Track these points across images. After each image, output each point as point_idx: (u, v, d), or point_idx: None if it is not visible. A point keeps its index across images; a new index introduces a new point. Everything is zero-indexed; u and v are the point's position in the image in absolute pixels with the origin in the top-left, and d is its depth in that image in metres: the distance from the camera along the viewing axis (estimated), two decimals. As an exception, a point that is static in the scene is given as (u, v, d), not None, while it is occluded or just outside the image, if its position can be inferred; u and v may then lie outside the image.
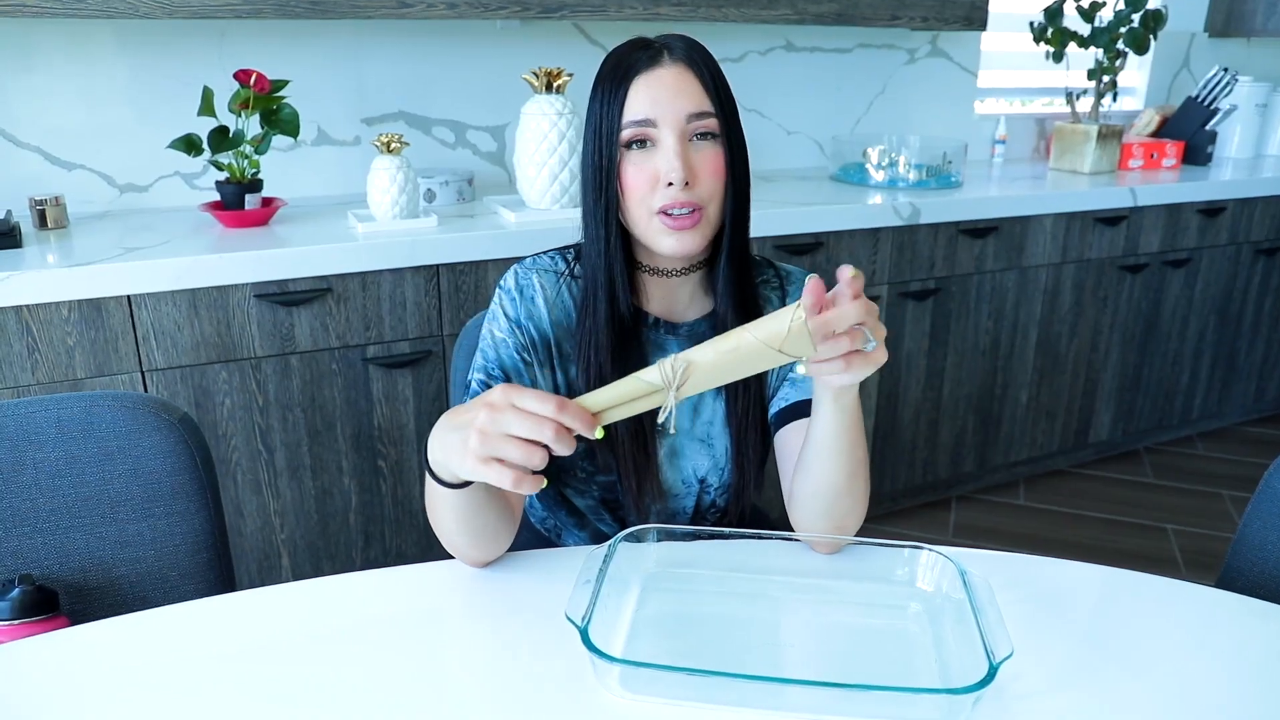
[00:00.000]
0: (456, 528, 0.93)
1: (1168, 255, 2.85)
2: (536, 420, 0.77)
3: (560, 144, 2.01)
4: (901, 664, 0.84)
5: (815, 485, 0.98)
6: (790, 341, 0.78)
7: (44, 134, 2.05)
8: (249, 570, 1.93)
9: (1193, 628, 0.90)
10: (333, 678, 0.81)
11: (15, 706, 0.78)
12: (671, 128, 0.99)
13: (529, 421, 0.77)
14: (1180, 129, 3.16)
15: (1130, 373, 2.96)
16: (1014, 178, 2.84)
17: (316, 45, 2.22)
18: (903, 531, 2.61)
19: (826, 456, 0.96)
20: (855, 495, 0.99)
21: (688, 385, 0.80)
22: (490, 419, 0.78)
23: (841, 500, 0.98)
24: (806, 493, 1.00)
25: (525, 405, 0.77)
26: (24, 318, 1.63)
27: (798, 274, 1.17)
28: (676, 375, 0.79)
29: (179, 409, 1.10)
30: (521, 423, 0.77)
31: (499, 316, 1.09)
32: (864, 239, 2.34)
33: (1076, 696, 0.79)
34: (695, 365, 0.79)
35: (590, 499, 1.16)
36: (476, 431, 0.78)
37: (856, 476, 0.98)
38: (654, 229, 1.02)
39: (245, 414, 1.83)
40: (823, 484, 0.97)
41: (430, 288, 1.92)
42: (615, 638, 0.85)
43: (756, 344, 0.78)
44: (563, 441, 0.78)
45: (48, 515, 1.05)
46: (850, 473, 0.97)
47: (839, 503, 0.99)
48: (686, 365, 0.79)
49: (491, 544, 0.97)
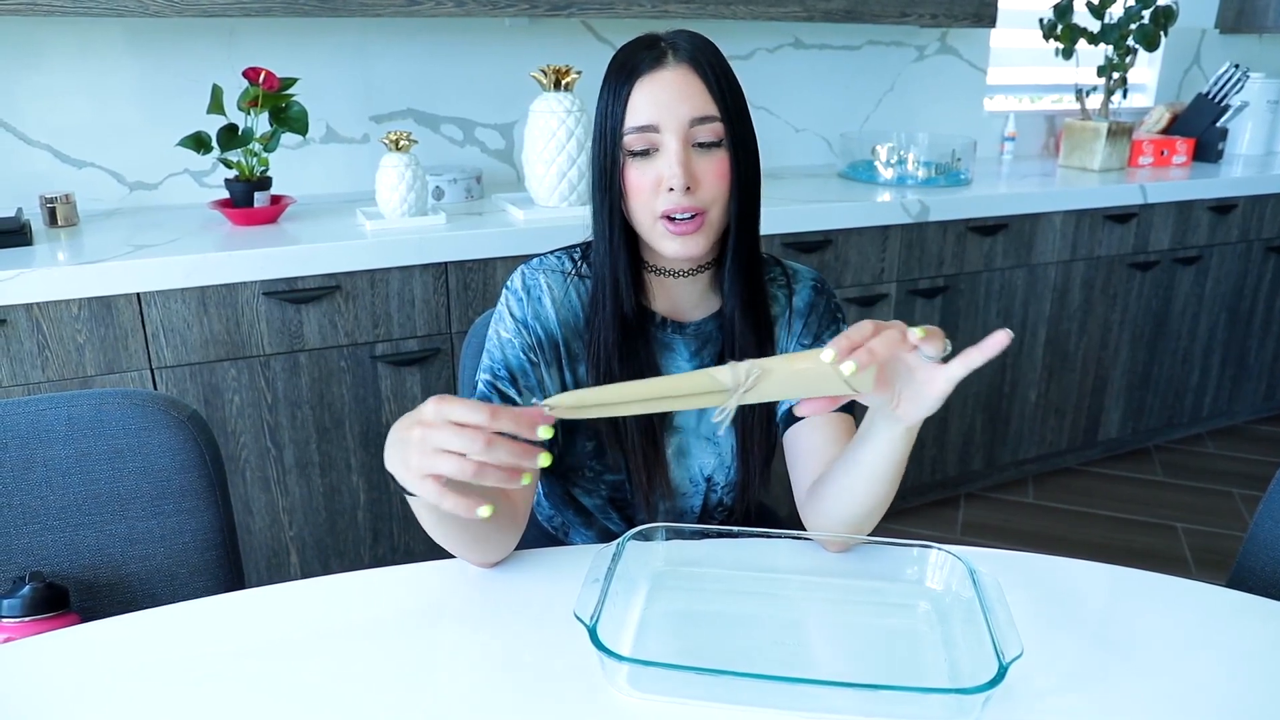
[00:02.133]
0: (446, 538, 0.91)
1: (1178, 253, 2.84)
2: (468, 431, 0.72)
3: (569, 141, 2.01)
4: (910, 663, 0.84)
5: (853, 506, 0.96)
6: (859, 376, 0.78)
7: (54, 132, 2.06)
8: (258, 567, 1.93)
9: (1204, 628, 0.89)
10: (341, 675, 0.81)
11: (27, 702, 0.78)
12: (674, 132, 0.98)
13: (460, 434, 0.72)
14: (1191, 126, 3.14)
15: (1140, 370, 2.95)
16: (1023, 175, 2.83)
17: (325, 43, 2.22)
18: (910, 530, 2.60)
19: (875, 481, 0.93)
20: (880, 509, 0.98)
21: (753, 392, 0.79)
22: (423, 434, 0.73)
23: (873, 516, 0.98)
24: (840, 507, 0.97)
25: (455, 416, 0.73)
26: (34, 315, 1.64)
27: (805, 273, 1.17)
28: (749, 379, 0.78)
29: (188, 406, 1.11)
30: (452, 436, 0.72)
31: (505, 317, 1.09)
32: (873, 236, 2.33)
33: (1086, 696, 0.79)
34: (767, 374, 0.79)
35: (598, 498, 1.16)
36: (413, 447, 0.74)
37: (891, 496, 0.97)
38: (657, 232, 1.01)
39: (254, 411, 1.84)
40: (862, 505, 0.96)
41: (439, 285, 1.92)
42: (623, 636, 0.85)
43: (828, 370, 0.78)
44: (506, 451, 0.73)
45: (58, 512, 1.06)
46: (889, 494, 0.96)
47: (870, 519, 0.98)
48: (760, 373, 0.78)
49: (493, 549, 0.96)
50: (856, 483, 0.94)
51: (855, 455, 0.93)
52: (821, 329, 1.13)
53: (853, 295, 2.36)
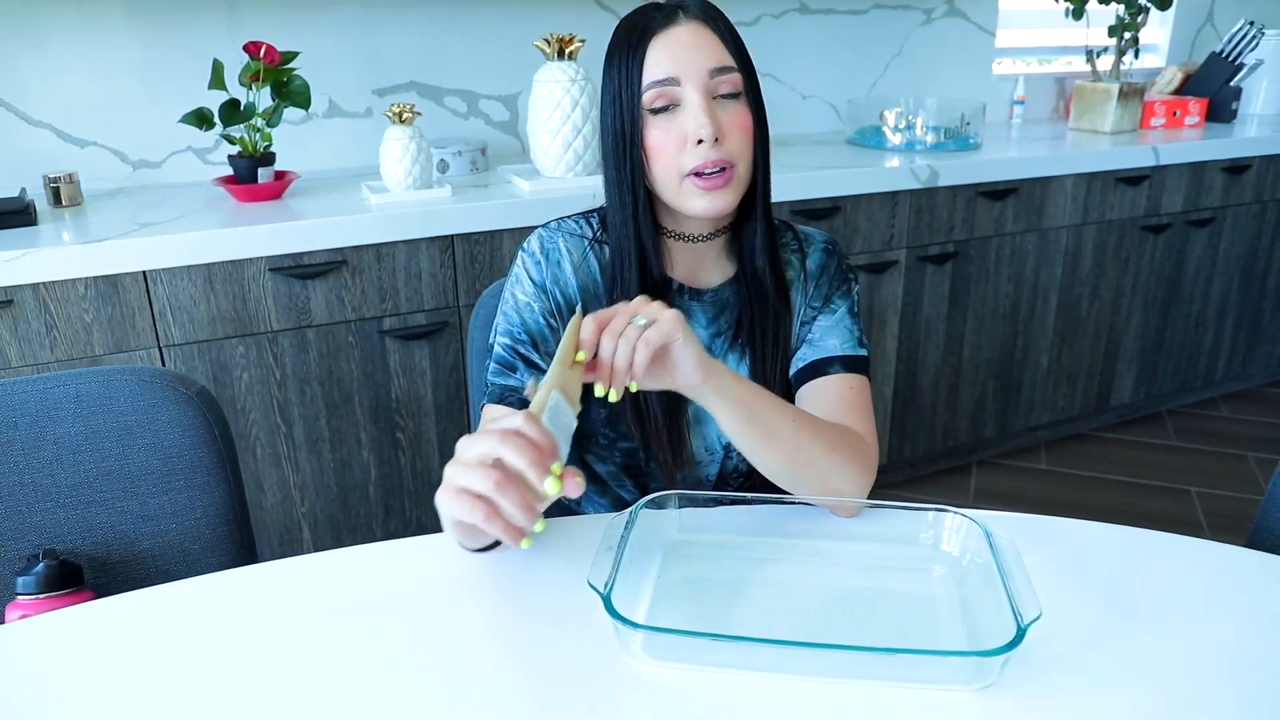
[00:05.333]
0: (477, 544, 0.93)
1: (1191, 215, 2.81)
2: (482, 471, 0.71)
3: (573, 111, 1.99)
4: (928, 627, 0.83)
5: (767, 470, 0.97)
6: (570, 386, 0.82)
7: (56, 111, 2.05)
8: (270, 544, 1.94)
9: (1221, 587, 0.89)
10: (354, 647, 0.81)
11: (43, 679, 0.78)
12: (695, 84, 0.97)
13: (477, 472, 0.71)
14: (1204, 86, 3.09)
15: (1152, 335, 2.92)
16: (1033, 138, 2.79)
17: (326, 16, 2.20)
18: (923, 497, 2.60)
19: (746, 443, 0.95)
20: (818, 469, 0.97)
21: None
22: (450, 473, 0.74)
23: (801, 481, 0.97)
24: (766, 472, 0.99)
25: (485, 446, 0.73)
26: (41, 295, 1.63)
27: (817, 236, 1.15)
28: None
29: (196, 382, 1.10)
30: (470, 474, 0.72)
31: (523, 280, 1.08)
32: (882, 202, 2.31)
33: (1105, 657, 0.78)
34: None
35: (612, 465, 1.15)
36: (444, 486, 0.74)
37: (803, 458, 0.95)
38: (685, 191, 1.00)
39: (263, 388, 1.84)
40: (767, 467, 0.97)
41: (445, 258, 1.91)
42: (638, 604, 0.85)
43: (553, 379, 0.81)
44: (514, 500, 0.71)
45: (69, 490, 1.06)
46: (791, 458, 0.95)
47: (801, 483, 0.97)
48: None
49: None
50: (745, 450, 0.96)
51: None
52: (832, 290, 1.12)
53: (863, 262, 2.34)
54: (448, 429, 2.02)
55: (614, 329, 0.84)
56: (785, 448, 0.95)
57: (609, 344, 0.83)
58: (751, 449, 0.95)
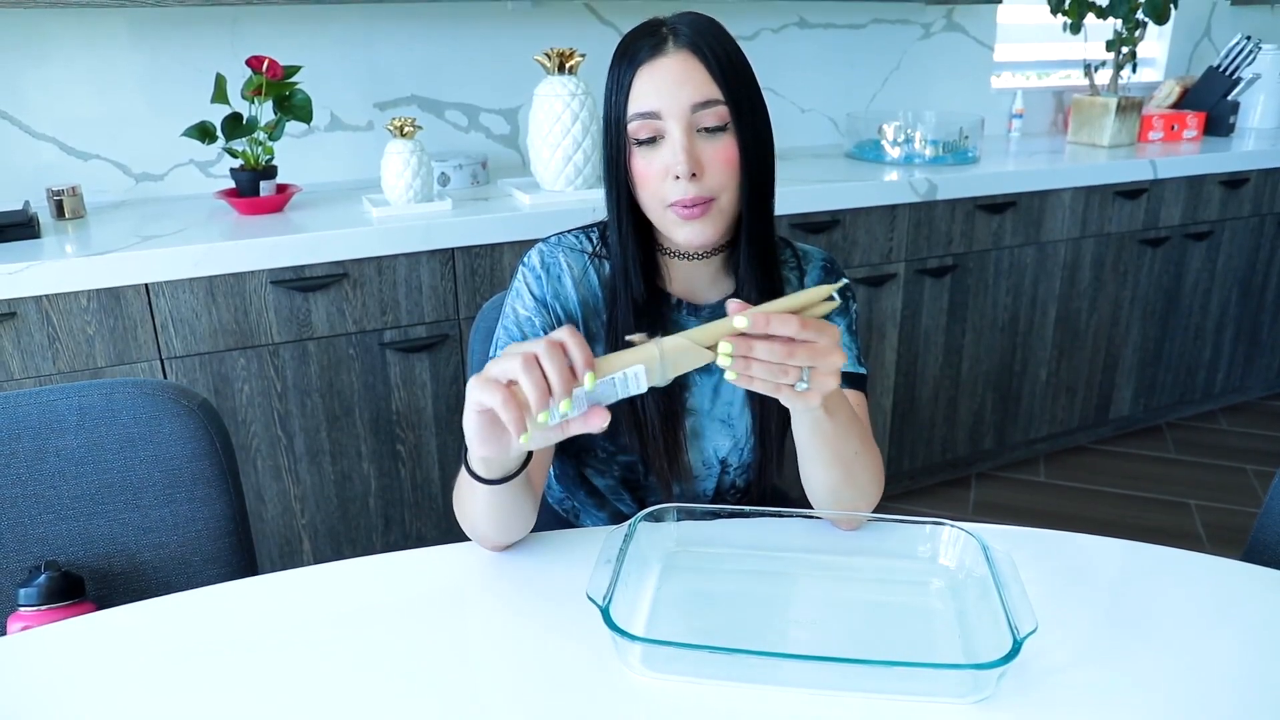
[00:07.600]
0: (487, 518, 0.94)
1: (1189, 228, 2.82)
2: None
3: (574, 125, 2.00)
4: (925, 640, 0.83)
5: (812, 485, 1.01)
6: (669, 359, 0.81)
7: (59, 124, 2.06)
8: (270, 556, 1.94)
9: (1219, 601, 0.89)
10: (354, 660, 0.81)
11: (44, 690, 0.78)
12: (677, 119, 0.97)
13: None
14: (1201, 100, 3.11)
15: (1151, 348, 2.93)
16: (1032, 152, 2.81)
17: (328, 30, 2.21)
18: (922, 510, 2.60)
19: (812, 462, 0.98)
20: (857, 486, 1.00)
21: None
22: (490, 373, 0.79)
23: (842, 495, 1.00)
24: (810, 489, 1.02)
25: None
26: (44, 307, 1.64)
27: (816, 254, 1.16)
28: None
29: (198, 395, 1.11)
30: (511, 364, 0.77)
31: (524, 294, 1.08)
32: (880, 216, 2.32)
33: (1102, 671, 0.79)
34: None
35: (610, 479, 1.16)
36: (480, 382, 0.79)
37: (853, 472, 0.99)
38: (668, 220, 1.01)
39: (264, 400, 1.84)
40: (817, 484, 1.00)
41: (446, 271, 1.91)
42: (637, 617, 0.85)
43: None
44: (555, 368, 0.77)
45: (71, 502, 1.06)
46: (844, 472, 0.98)
47: (840, 497, 1.00)
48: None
49: (517, 530, 0.98)
50: (806, 466, 0.99)
51: (796, 439, 0.97)
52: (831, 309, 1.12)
53: (861, 275, 2.35)
54: (448, 441, 2.03)
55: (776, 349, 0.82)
56: (840, 472, 0.98)
57: (765, 351, 0.81)
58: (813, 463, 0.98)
